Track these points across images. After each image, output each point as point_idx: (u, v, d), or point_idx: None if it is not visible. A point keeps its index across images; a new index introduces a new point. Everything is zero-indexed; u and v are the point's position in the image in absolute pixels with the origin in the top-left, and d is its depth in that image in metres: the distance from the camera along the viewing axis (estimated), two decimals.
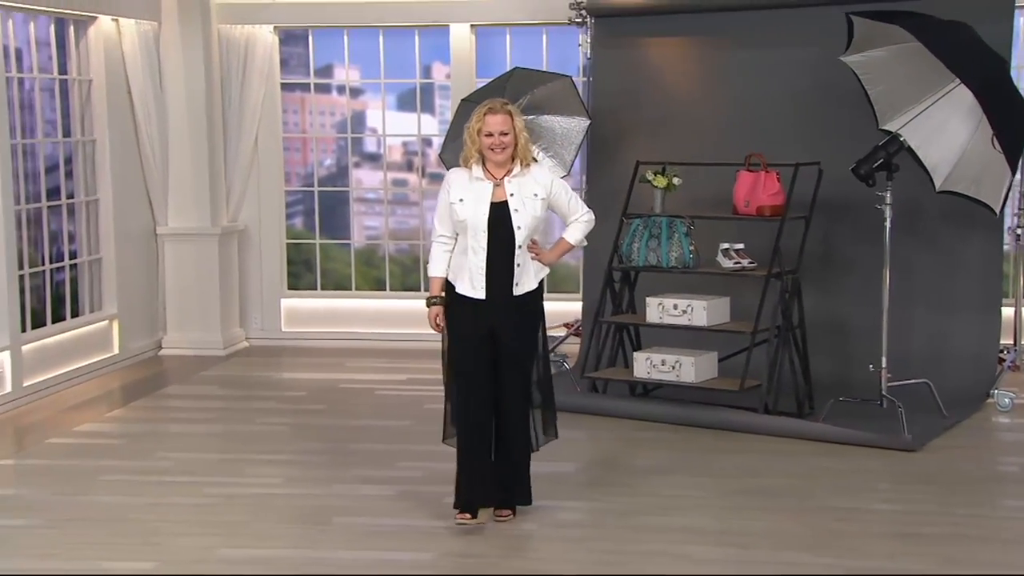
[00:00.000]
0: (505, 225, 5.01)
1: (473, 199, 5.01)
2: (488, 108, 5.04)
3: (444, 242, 5.11)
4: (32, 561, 4.78)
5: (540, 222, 5.13)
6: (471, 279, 5.03)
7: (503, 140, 4.99)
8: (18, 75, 7.51)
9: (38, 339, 7.61)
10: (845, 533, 5.03)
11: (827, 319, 7.51)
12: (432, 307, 5.13)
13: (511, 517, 5.17)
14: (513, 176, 5.06)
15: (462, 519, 5.06)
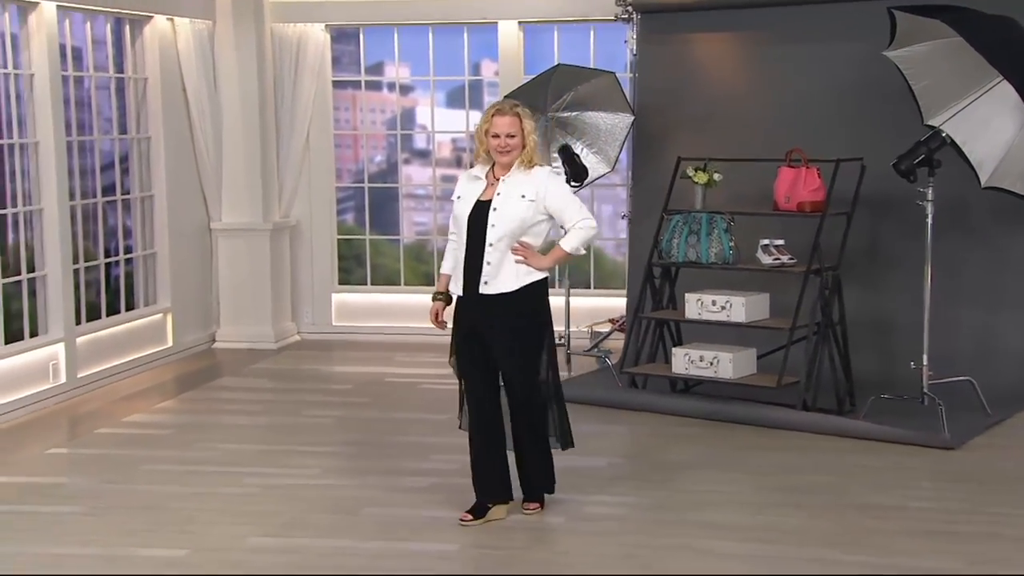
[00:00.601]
0: (483, 223, 5.02)
1: (466, 196, 5.08)
2: (496, 109, 5.05)
3: (453, 239, 5.19)
4: (73, 547, 4.92)
5: (525, 224, 4.99)
6: (457, 276, 5.13)
7: (509, 142, 4.98)
8: (75, 73, 7.70)
9: (93, 331, 7.80)
10: (876, 530, 5.00)
11: (872, 316, 7.46)
12: (434, 303, 5.22)
13: (537, 510, 5.21)
14: (508, 176, 5.04)
15: (464, 519, 5.11)
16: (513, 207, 5.01)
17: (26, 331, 7.24)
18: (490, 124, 5.01)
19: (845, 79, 7.57)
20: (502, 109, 5.05)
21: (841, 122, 7.55)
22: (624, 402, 7.10)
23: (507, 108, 5.06)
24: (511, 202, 5.01)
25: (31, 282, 7.30)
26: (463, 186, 5.15)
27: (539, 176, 5.05)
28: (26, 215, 7.28)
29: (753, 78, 7.98)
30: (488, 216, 5.01)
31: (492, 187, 5.07)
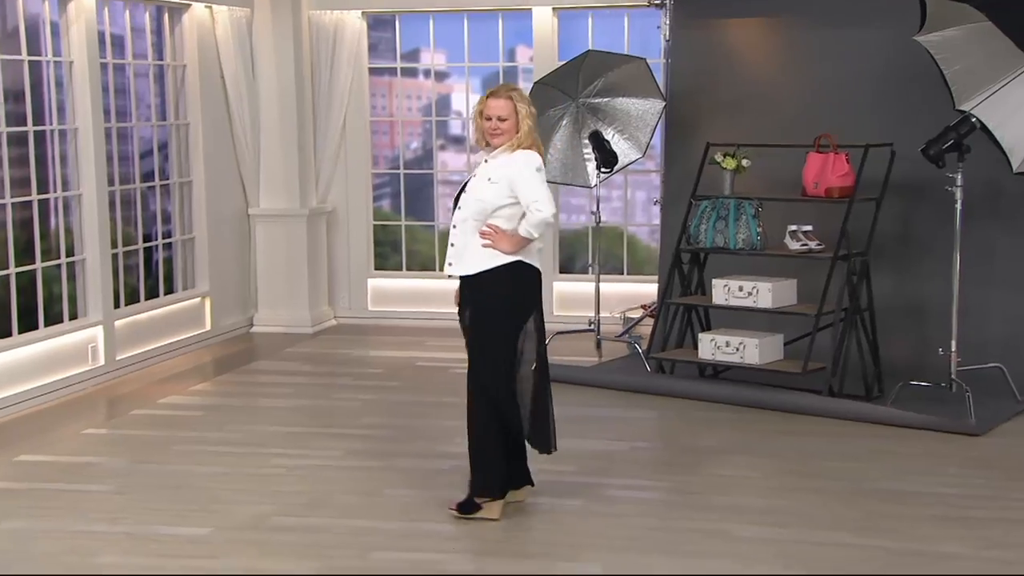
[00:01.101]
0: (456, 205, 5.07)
1: (472, 182, 5.09)
2: (491, 92, 5.01)
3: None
4: (102, 524, 5.04)
5: (488, 206, 4.92)
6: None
7: (500, 125, 4.93)
8: (114, 61, 7.83)
9: (132, 315, 7.95)
10: (892, 515, 5.01)
11: (904, 302, 7.42)
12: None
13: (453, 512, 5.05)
14: (492, 158, 5.01)
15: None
16: (480, 190, 4.97)
17: (65, 314, 7.39)
18: (484, 106, 4.98)
19: (877, 64, 7.53)
20: (496, 92, 4.99)
21: (873, 107, 7.51)
22: (651, 387, 7.12)
23: (502, 91, 5.00)
24: (480, 184, 4.99)
25: (70, 266, 7.45)
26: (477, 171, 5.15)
27: (514, 159, 4.94)
28: (65, 200, 7.43)
29: (785, 63, 7.95)
30: (459, 198, 5.05)
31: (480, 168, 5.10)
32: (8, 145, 6.93)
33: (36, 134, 7.15)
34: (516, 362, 5.03)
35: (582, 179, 8.06)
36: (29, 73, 7.09)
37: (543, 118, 7.97)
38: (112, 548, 4.76)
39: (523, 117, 4.99)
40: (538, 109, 7.82)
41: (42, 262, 7.17)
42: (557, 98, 7.96)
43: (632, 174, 9.17)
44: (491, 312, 5.03)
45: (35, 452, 6.07)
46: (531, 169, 4.93)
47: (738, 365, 6.86)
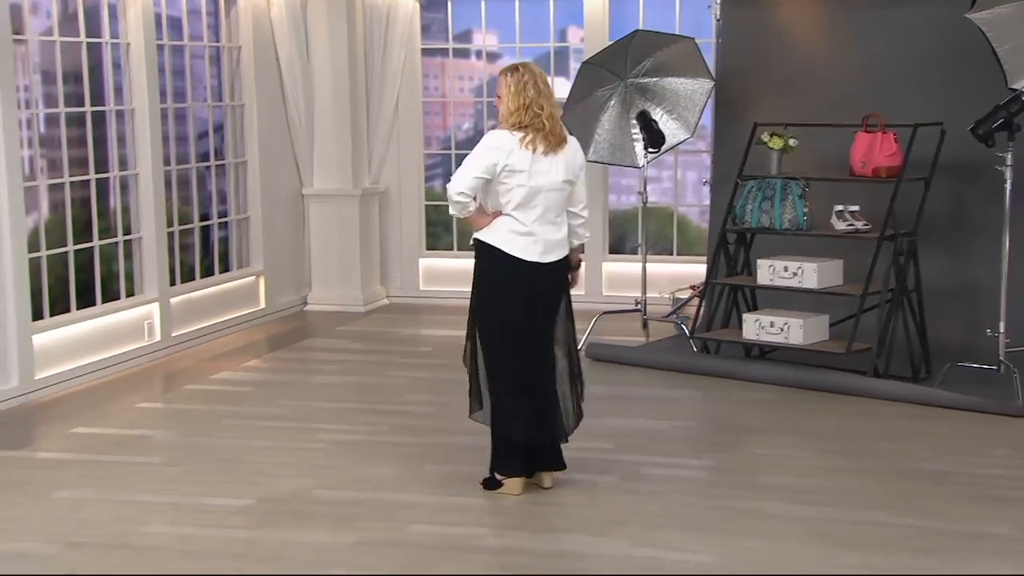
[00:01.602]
0: None
1: None
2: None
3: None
4: (148, 495, 5.18)
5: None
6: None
7: (498, 102, 4.98)
8: (170, 43, 7.97)
9: (187, 292, 8.11)
10: (929, 495, 5.01)
11: (955, 283, 7.35)
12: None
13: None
14: None
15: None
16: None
17: (122, 291, 7.57)
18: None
19: (929, 43, 7.45)
20: (503, 70, 4.98)
21: (924, 87, 7.44)
22: (695, 367, 7.14)
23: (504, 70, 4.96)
24: None
25: (127, 244, 7.62)
26: None
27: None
28: (122, 180, 7.60)
29: (835, 43, 7.88)
30: None
31: None
32: (68, 125, 7.10)
33: (95, 115, 7.33)
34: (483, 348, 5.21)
35: (630, 159, 8.07)
36: (88, 55, 7.26)
37: (591, 99, 8.00)
38: (158, 518, 4.90)
39: (503, 97, 4.91)
40: (586, 89, 7.98)
41: (100, 240, 7.34)
42: (605, 78, 7.97)
43: (683, 154, 9.15)
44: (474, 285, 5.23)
45: (90, 425, 6.24)
46: (476, 149, 4.93)
47: (782, 345, 6.85)
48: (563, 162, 4.94)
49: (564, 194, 4.98)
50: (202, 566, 4.42)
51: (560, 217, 5.01)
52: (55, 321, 6.97)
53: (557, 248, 5.02)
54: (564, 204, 5.01)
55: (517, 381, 5.03)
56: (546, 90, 4.91)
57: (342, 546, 4.59)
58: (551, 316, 5.09)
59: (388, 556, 4.49)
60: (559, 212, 5.00)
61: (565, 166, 4.95)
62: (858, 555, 4.39)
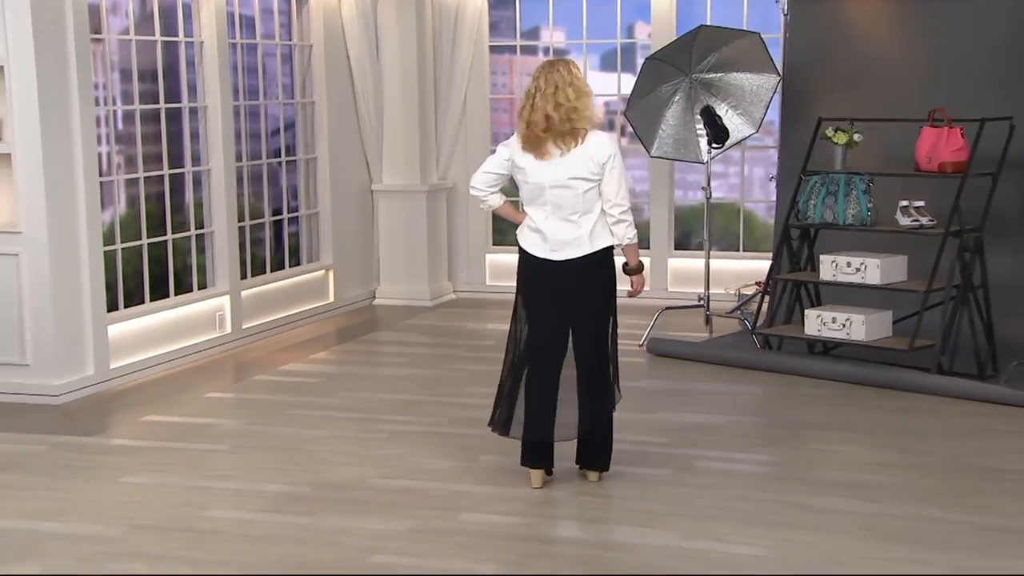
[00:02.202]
0: None
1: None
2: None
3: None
4: (211, 480, 5.33)
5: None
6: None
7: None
8: (242, 41, 8.15)
9: (258, 286, 8.29)
10: (983, 491, 4.98)
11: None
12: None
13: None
14: None
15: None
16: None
17: (195, 283, 7.76)
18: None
19: (998, 36, 7.37)
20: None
21: (993, 81, 7.35)
22: (757, 363, 7.13)
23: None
24: None
25: (200, 238, 7.81)
26: None
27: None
28: (195, 175, 7.79)
29: (902, 36, 7.81)
30: None
31: None
32: (144, 122, 7.31)
33: (171, 112, 7.53)
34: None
35: (694, 155, 8.06)
36: (164, 53, 7.46)
37: (656, 93, 8.01)
38: (219, 503, 5.04)
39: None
40: (651, 84, 8.00)
41: (173, 234, 7.54)
42: (670, 73, 7.98)
43: (750, 150, 9.13)
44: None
45: (161, 413, 6.43)
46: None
47: (844, 341, 6.81)
48: (573, 159, 4.88)
49: (576, 192, 4.90)
50: (258, 549, 4.54)
51: (577, 215, 4.92)
52: (129, 312, 7.17)
53: (571, 246, 4.95)
54: (581, 202, 4.91)
55: (518, 374, 5.13)
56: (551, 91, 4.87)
57: (395, 533, 4.69)
58: (581, 318, 5.02)
59: (438, 543, 4.58)
60: (574, 210, 4.92)
61: (576, 163, 4.88)
62: (909, 550, 4.38)
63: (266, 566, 4.39)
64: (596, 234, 4.97)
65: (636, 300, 5.51)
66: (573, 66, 5.01)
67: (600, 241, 4.98)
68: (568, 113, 4.86)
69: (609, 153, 4.91)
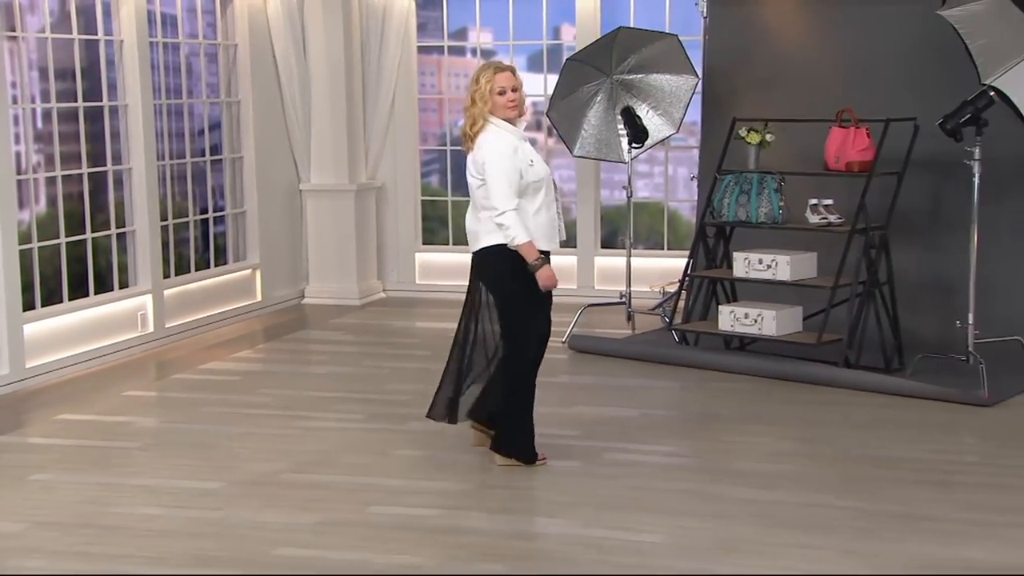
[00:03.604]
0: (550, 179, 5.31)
1: (536, 159, 5.22)
2: (495, 68, 5.19)
3: (519, 207, 5.10)
4: (121, 477, 5.34)
5: None
6: (551, 231, 5.23)
7: (515, 96, 5.16)
8: (163, 40, 8.14)
9: (181, 285, 8.29)
10: (878, 479, 5.12)
11: (933, 277, 7.43)
12: (544, 267, 5.11)
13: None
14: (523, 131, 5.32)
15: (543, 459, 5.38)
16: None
17: (115, 282, 7.74)
18: (493, 83, 5.15)
19: (907, 39, 7.55)
20: (499, 67, 5.21)
21: (903, 82, 7.52)
22: (674, 359, 7.24)
23: (504, 65, 5.24)
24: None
25: (120, 237, 7.79)
26: (527, 150, 5.18)
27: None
28: (116, 174, 7.77)
29: (817, 39, 7.97)
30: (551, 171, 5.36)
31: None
32: (63, 121, 7.29)
33: (92, 111, 7.51)
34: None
35: (616, 155, 8.17)
36: (84, 52, 7.44)
37: (577, 94, 8.11)
38: (126, 499, 5.06)
39: (520, 87, 5.26)
40: (572, 85, 8.10)
41: (92, 233, 7.52)
42: (591, 74, 8.08)
43: (673, 150, 9.26)
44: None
45: (76, 411, 6.42)
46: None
47: (757, 337, 6.95)
48: (471, 158, 5.26)
49: (476, 190, 5.23)
50: (161, 544, 4.57)
51: (477, 211, 5.27)
52: (47, 311, 7.15)
53: (472, 239, 5.34)
54: (478, 198, 5.22)
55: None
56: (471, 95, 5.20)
57: (302, 526, 4.73)
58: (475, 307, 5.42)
59: (344, 535, 4.63)
60: (476, 206, 5.28)
61: (471, 161, 5.26)
62: (799, 535, 4.51)
63: (167, 560, 4.42)
64: (484, 232, 5.23)
65: (560, 298, 5.66)
66: (480, 69, 5.23)
67: (484, 240, 5.24)
68: (467, 115, 5.24)
69: (483, 159, 5.13)
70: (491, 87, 5.14)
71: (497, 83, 5.14)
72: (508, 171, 5.06)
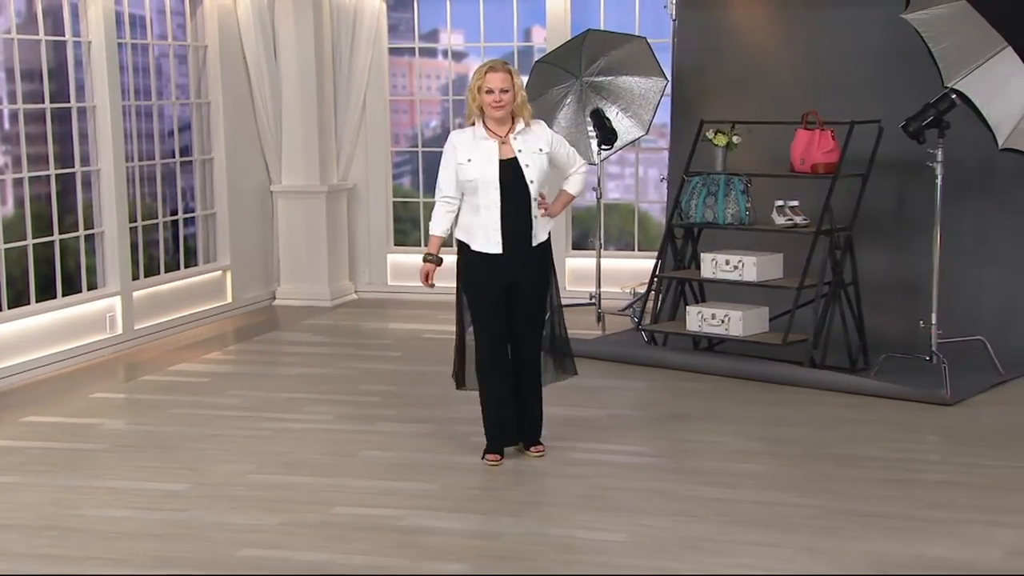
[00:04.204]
0: (518, 180, 5.27)
1: (480, 158, 5.25)
2: (489, 67, 5.26)
3: (448, 202, 5.35)
4: (86, 480, 5.34)
5: (547, 176, 5.38)
6: (487, 235, 5.27)
7: (503, 97, 5.21)
8: (132, 41, 8.12)
9: (151, 286, 8.27)
10: (840, 478, 5.17)
11: (899, 278, 7.51)
12: (426, 263, 5.40)
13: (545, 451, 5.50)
14: (517, 133, 5.30)
15: (494, 460, 5.41)
16: (539, 161, 5.31)
17: (84, 284, 7.72)
18: (483, 80, 5.23)
19: (874, 42, 7.61)
20: (495, 66, 5.26)
21: (870, 85, 7.59)
22: (643, 359, 7.28)
23: (499, 65, 5.28)
24: (535, 156, 5.30)
25: (89, 239, 7.76)
26: (468, 148, 5.27)
27: (544, 129, 5.42)
28: (84, 175, 7.76)
29: (785, 42, 8.03)
30: (524, 173, 5.27)
31: (505, 145, 5.29)
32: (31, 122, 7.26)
33: (61, 112, 7.49)
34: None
35: (586, 156, 8.18)
36: (52, 53, 7.42)
37: (546, 96, 8.15)
38: (91, 501, 5.06)
39: (519, 88, 5.31)
40: (541, 88, 8.13)
41: (60, 234, 7.50)
42: (560, 77, 8.12)
43: (644, 151, 9.31)
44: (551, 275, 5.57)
45: (42, 414, 6.41)
46: (561, 137, 5.55)
47: (725, 337, 6.99)
48: None
49: None
50: (125, 546, 4.57)
51: None
52: (14, 313, 7.13)
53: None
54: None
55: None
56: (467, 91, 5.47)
57: (266, 527, 4.74)
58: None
59: (308, 536, 4.64)
60: None
61: None
62: (759, 533, 4.55)
63: (130, 562, 4.42)
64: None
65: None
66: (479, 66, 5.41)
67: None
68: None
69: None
70: (480, 85, 5.25)
71: (486, 82, 5.24)
72: (444, 166, 5.37)
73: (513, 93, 5.26)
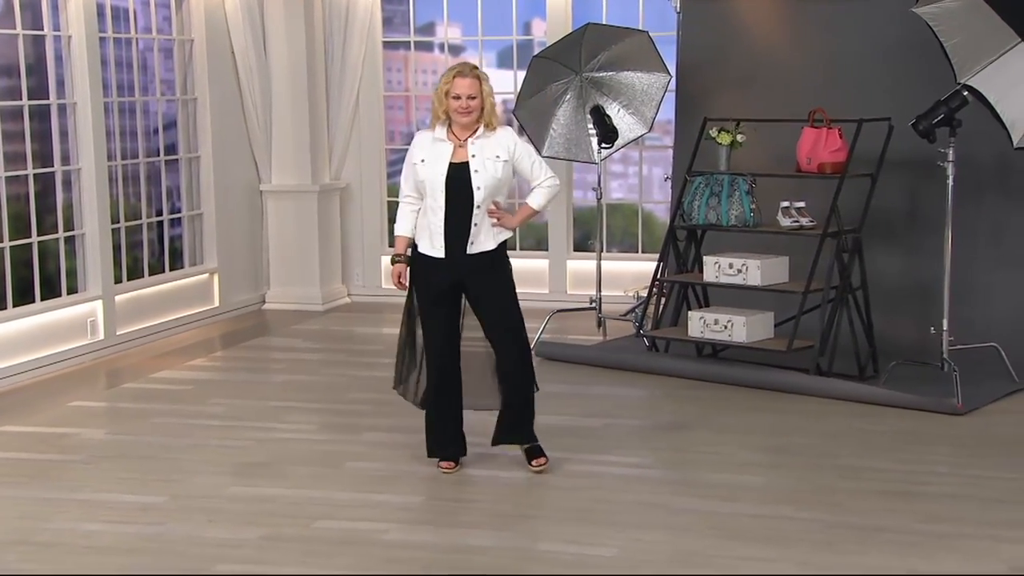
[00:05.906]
0: (465, 185, 5.06)
1: (432, 159, 5.07)
2: (457, 71, 5.07)
3: (410, 202, 5.21)
4: (63, 492, 5.09)
5: (503, 184, 5.14)
6: (431, 238, 5.11)
7: (470, 104, 5.02)
8: (114, 35, 7.87)
9: (134, 290, 8.00)
10: (840, 490, 4.96)
11: (912, 281, 7.24)
12: (395, 265, 5.23)
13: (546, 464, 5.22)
14: (476, 138, 5.08)
15: (448, 467, 5.21)
16: (492, 168, 5.08)
17: (63, 288, 7.47)
18: (451, 85, 5.04)
19: (884, 37, 7.36)
20: (463, 71, 5.07)
21: (880, 81, 7.34)
22: (644, 366, 7.03)
23: (467, 70, 5.08)
24: (489, 163, 5.08)
25: (69, 240, 7.51)
26: (424, 149, 5.13)
27: (507, 136, 5.16)
28: (64, 175, 7.50)
29: (792, 37, 7.78)
30: (471, 178, 5.05)
31: (462, 149, 5.08)
32: (7, 120, 7.02)
33: (39, 109, 7.24)
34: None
35: (586, 155, 7.94)
36: (31, 48, 7.18)
37: (545, 92, 7.88)
38: (64, 514, 4.81)
39: (487, 94, 5.11)
40: (539, 83, 7.87)
41: (38, 236, 7.24)
42: (559, 72, 7.85)
43: (648, 150, 9.06)
44: (510, 284, 5.22)
45: (17, 423, 6.16)
46: (529, 145, 5.29)
47: (728, 343, 6.74)
48: None
49: None
50: (98, 560, 4.34)
51: None
52: None
53: None
54: None
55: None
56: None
57: (245, 541, 4.51)
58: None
59: (288, 551, 4.41)
60: None
61: None
62: (755, 548, 4.34)
63: None
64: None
65: (529, 302, 5.69)
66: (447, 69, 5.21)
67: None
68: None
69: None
70: (447, 89, 5.05)
71: (454, 87, 5.04)
72: (405, 165, 5.23)
73: (481, 99, 5.05)
